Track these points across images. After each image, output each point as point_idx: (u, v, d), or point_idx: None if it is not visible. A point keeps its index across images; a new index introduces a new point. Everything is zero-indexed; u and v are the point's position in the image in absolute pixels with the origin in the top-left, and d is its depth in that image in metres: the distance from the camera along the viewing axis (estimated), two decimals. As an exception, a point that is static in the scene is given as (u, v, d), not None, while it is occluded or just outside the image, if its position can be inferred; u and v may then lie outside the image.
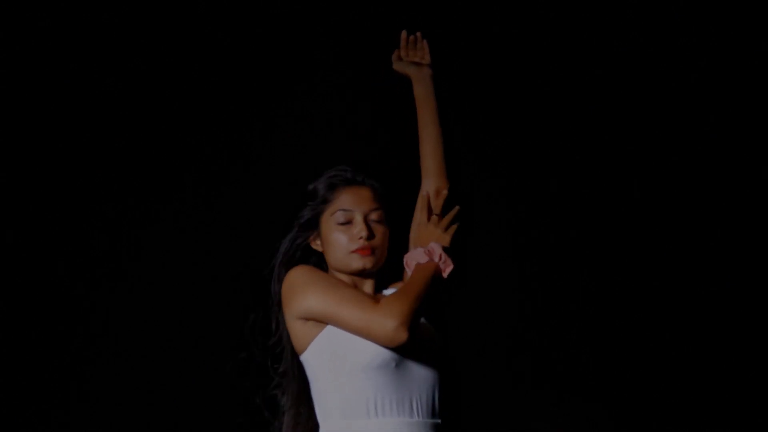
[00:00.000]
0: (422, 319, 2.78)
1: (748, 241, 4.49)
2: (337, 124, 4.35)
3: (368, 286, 2.83)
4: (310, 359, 2.73)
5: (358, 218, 2.78)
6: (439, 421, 2.75)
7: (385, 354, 2.66)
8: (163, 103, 4.32)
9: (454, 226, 2.82)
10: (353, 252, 2.78)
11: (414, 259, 2.75)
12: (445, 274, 2.73)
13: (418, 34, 3.07)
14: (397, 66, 3.08)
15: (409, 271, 2.76)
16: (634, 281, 4.47)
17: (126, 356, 4.23)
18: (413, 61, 3.05)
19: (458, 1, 4.39)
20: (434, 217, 2.85)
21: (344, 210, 2.79)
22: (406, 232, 2.94)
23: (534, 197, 4.48)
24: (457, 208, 2.86)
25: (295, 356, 2.80)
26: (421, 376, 2.73)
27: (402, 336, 2.59)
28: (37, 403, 4.19)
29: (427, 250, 2.75)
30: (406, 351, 2.69)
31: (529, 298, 4.45)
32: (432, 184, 2.93)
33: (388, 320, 2.58)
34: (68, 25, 4.26)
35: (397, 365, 2.69)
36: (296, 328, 2.75)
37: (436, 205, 2.88)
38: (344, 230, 2.79)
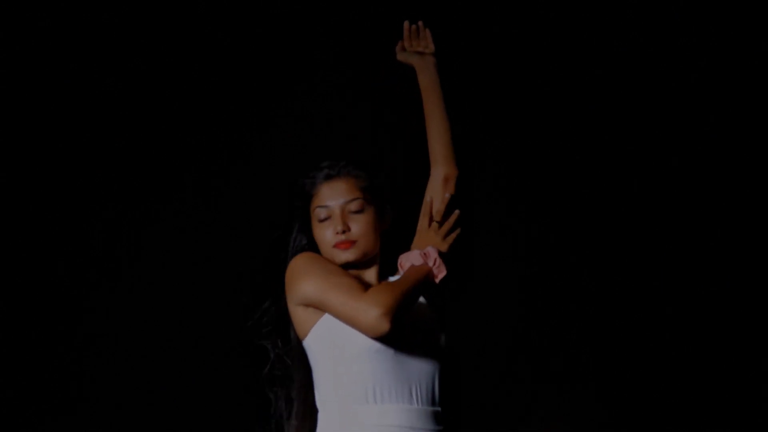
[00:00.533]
0: (426, 306, 2.79)
1: (748, 241, 4.49)
2: (337, 124, 4.35)
3: (371, 274, 2.84)
4: (311, 345, 2.74)
5: (336, 212, 2.80)
6: (439, 409, 2.76)
7: (383, 342, 2.67)
8: (163, 103, 4.32)
9: (454, 234, 2.83)
10: (334, 247, 2.80)
11: (409, 260, 2.76)
12: (437, 280, 2.74)
13: (420, 23, 3.08)
14: (400, 57, 3.10)
15: (401, 272, 2.76)
16: (634, 281, 4.47)
17: (126, 356, 4.23)
18: (417, 51, 3.06)
19: (458, 1, 4.39)
20: (434, 224, 2.86)
21: (321, 206, 2.82)
22: (410, 228, 2.95)
23: (534, 197, 4.48)
24: (456, 213, 2.87)
25: (299, 343, 2.81)
26: (420, 363, 2.73)
27: (384, 326, 2.59)
28: (37, 403, 4.19)
29: (423, 253, 2.76)
30: (405, 338, 2.70)
31: (530, 298, 4.45)
32: (441, 171, 2.94)
33: (372, 309, 2.59)
34: (68, 25, 4.26)
35: (396, 352, 2.70)
36: (298, 315, 2.76)
37: (438, 212, 2.88)
38: (326, 226, 2.82)
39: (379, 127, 4.35)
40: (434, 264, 2.73)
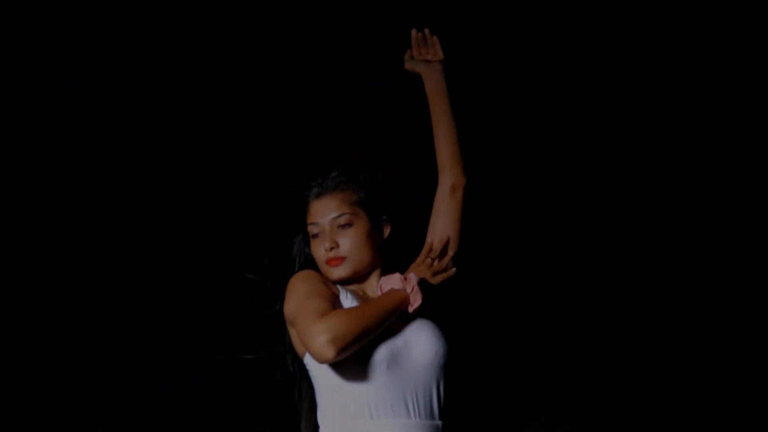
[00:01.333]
0: (425, 317, 2.78)
1: (749, 241, 4.49)
2: (337, 124, 4.35)
3: (373, 287, 2.83)
4: (309, 363, 2.74)
5: (326, 229, 2.81)
6: (440, 423, 2.74)
7: (376, 355, 2.66)
8: (163, 103, 4.32)
9: (445, 274, 2.81)
10: (326, 263, 2.80)
11: (389, 283, 2.74)
12: (411, 309, 2.71)
13: (426, 30, 3.06)
14: (408, 65, 3.08)
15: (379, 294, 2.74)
16: (636, 280, 4.47)
17: (125, 356, 4.23)
18: (425, 60, 3.04)
19: (459, 1, 4.39)
20: (428, 260, 2.84)
21: (312, 223, 2.83)
22: (412, 234, 2.94)
23: (535, 196, 4.48)
24: (450, 254, 2.84)
25: (301, 362, 2.81)
26: (417, 376, 2.72)
27: (328, 353, 2.55)
28: (37, 404, 4.19)
29: (403, 277, 2.73)
30: (400, 352, 2.69)
31: (531, 297, 4.45)
32: (448, 179, 2.93)
33: (320, 335, 2.55)
34: (68, 25, 4.26)
35: (390, 366, 2.68)
36: (294, 335, 2.76)
37: (434, 251, 2.85)
38: (318, 243, 2.82)
39: (379, 127, 4.34)
40: (412, 291, 2.70)
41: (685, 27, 4.49)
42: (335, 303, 2.70)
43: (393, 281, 2.73)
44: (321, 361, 2.57)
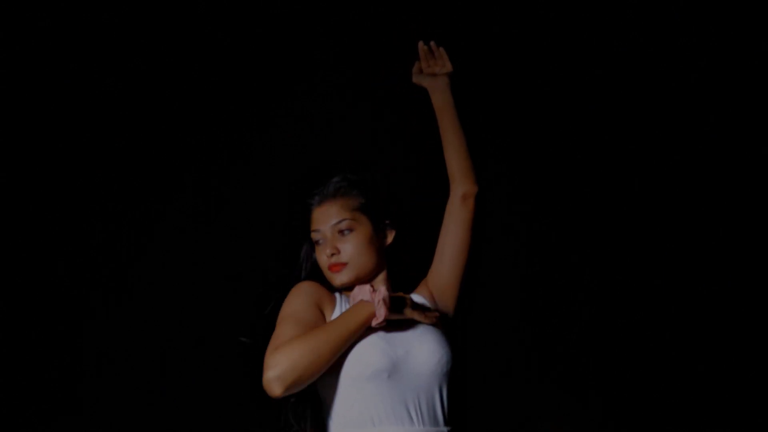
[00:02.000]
0: (429, 326, 2.77)
1: (749, 241, 4.49)
2: (337, 124, 4.35)
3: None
4: None
5: (327, 235, 2.81)
6: (446, 429, 2.73)
7: (376, 365, 2.66)
8: (163, 103, 4.32)
9: (423, 314, 2.79)
10: (328, 269, 2.81)
11: (360, 293, 2.72)
12: (374, 323, 2.69)
13: (432, 43, 3.03)
14: (415, 79, 3.06)
15: (352, 303, 2.73)
16: (636, 280, 4.47)
17: (126, 356, 4.23)
18: (432, 73, 3.02)
19: (459, 1, 4.39)
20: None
21: (315, 230, 2.83)
22: (422, 233, 2.94)
23: (535, 196, 4.48)
24: (436, 314, 2.83)
25: None
26: (420, 384, 2.71)
27: (274, 389, 2.55)
28: (37, 404, 4.19)
29: (373, 290, 2.71)
30: (400, 360, 2.69)
31: (531, 297, 4.45)
32: (459, 189, 2.93)
33: (269, 370, 2.55)
34: (68, 25, 4.26)
35: (390, 375, 2.68)
36: None
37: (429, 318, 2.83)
38: (320, 250, 2.83)
39: (379, 127, 4.35)
40: (377, 304, 2.68)
41: (685, 27, 4.49)
42: (317, 322, 2.68)
43: (363, 292, 2.72)
44: (271, 396, 2.57)
